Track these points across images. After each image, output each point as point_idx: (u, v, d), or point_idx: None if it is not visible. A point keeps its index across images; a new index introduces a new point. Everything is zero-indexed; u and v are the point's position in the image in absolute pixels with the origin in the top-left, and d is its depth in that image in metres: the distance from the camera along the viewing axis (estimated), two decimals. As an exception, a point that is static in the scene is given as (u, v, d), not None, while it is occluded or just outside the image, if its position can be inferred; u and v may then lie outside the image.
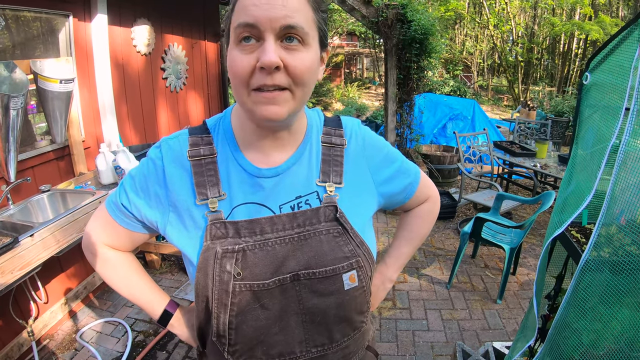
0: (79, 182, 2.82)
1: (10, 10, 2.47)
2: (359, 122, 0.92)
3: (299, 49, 0.66)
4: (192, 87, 4.65)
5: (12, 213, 2.34)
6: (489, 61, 20.77)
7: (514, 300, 3.08)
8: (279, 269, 0.75)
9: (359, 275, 0.80)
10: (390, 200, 0.95)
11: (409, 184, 0.96)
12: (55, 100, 2.50)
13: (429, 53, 5.25)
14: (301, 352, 0.80)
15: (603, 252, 1.10)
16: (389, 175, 0.92)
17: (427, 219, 1.08)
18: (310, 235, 0.77)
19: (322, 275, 0.76)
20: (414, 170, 0.98)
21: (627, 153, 1.03)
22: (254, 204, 0.78)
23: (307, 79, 0.68)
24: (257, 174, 0.78)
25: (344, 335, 0.84)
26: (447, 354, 2.52)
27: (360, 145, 0.88)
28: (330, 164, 0.83)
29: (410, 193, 0.98)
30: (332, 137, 0.86)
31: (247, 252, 0.74)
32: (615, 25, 13.40)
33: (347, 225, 0.80)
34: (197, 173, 0.77)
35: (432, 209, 1.08)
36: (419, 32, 4.85)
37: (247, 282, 0.74)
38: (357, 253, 0.80)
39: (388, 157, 0.92)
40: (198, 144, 0.80)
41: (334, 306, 0.79)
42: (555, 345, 1.27)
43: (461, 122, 7.86)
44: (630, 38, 1.11)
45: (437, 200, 1.09)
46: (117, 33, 3.36)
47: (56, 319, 2.65)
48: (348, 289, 0.78)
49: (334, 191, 0.81)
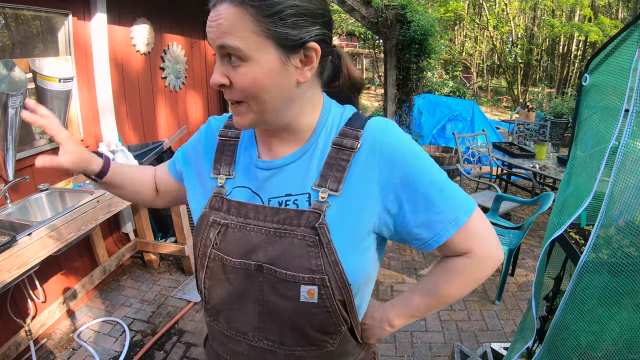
0: (78, 181, 2.81)
1: (10, 8, 2.46)
2: (392, 127, 0.78)
3: (241, 65, 0.68)
4: (192, 86, 4.64)
5: (11, 212, 2.33)
6: (489, 62, 20.81)
7: (513, 301, 3.08)
8: (248, 254, 0.78)
9: (321, 294, 0.74)
10: (404, 231, 0.78)
11: (436, 223, 0.75)
12: (54, 99, 2.49)
13: (428, 54, 5.25)
14: (254, 337, 0.83)
15: (602, 253, 1.10)
16: (406, 199, 0.75)
17: (456, 279, 0.82)
18: (285, 235, 0.75)
19: (281, 276, 0.75)
20: (455, 209, 0.75)
21: (626, 154, 1.03)
22: (249, 189, 0.83)
23: (254, 92, 0.69)
24: (256, 164, 0.83)
25: (296, 344, 0.81)
26: (445, 354, 2.52)
27: (376, 152, 0.75)
28: (332, 168, 0.76)
29: (438, 236, 0.76)
30: (345, 138, 0.77)
31: (229, 228, 0.81)
32: (614, 27, 13.44)
33: (324, 238, 0.73)
34: (219, 151, 0.88)
35: (468, 269, 0.81)
36: (419, 33, 4.86)
37: (220, 254, 0.81)
38: (326, 271, 0.73)
39: (413, 176, 0.74)
40: (230, 127, 0.90)
41: (288, 311, 0.77)
42: (553, 347, 1.26)
43: (460, 123, 7.87)
44: (629, 39, 1.12)
45: (482, 260, 0.80)
46: (116, 32, 3.35)
47: (54, 318, 2.64)
48: (304, 301, 0.75)
49: (326, 198, 0.75)
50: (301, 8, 0.68)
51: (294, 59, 0.70)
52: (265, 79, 0.68)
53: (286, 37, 0.67)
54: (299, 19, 0.68)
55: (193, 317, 2.88)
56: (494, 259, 0.81)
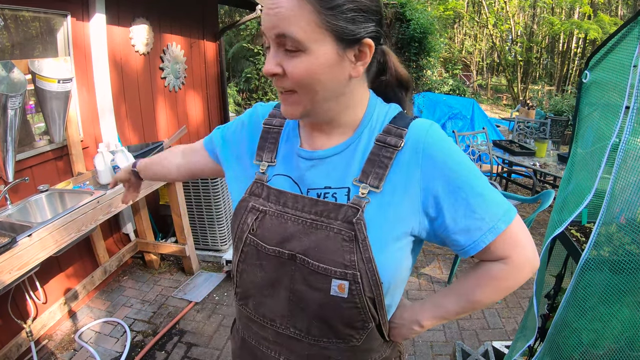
0: (77, 182, 2.81)
1: (9, 10, 2.46)
2: (432, 127, 0.77)
3: (297, 55, 0.68)
4: (191, 86, 4.64)
5: (11, 213, 2.33)
6: (488, 60, 20.80)
7: (514, 299, 3.08)
8: (283, 242, 0.79)
9: (351, 290, 0.74)
10: (443, 235, 0.77)
11: (475, 229, 0.74)
12: (53, 100, 2.49)
13: (428, 52, 5.26)
14: (281, 324, 0.84)
15: (603, 251, 1.10)
16: (446, 204, 0.74)
17: (490, 285, 0.80)
18: (321, 227, 0.76)
19: (313, 268, 0.75)
20: (494, 216, 0.74)
21: (627, 151, 1.03)
22: (290, 178, 0.84)
23: (308, 83, 0.70)
24: (298, 153, 0.84)
25: (323, 335, 0.81)
26: (446, 353, 2.52)
27: (420, 153, 0.74)
28: (374, 164, 0.76)
29: (476, 243, 0.75)
30: (389, 136, 0.76)
31: (267, 215, 0.82)
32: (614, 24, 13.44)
33: (360, 234, 0.73)
34: (263, 138, 0.89)
35: (504, 276, 0.79)
36: (418, 31, 4.86)
37: (256, 240, 0.82)
38: (358, 267, 0.73)
39: (454, 181, 0.73)
40: (275, 115, 0.91)
41: (317, 303, 0.78)
42: (554, 345, 1.26)
43: (460, 121, 7.86)
44: (630, 36, 1.11)
45: (519, 268, 0.78)
46: (115, 32, 3.35)
47: (55, 319, 2.64)
48: (333, 295, 0.75)
49: (366, 194, 0.74)
50: (360, 4, 0.69)
51: (350, 53, 0.71)
52: (320, 71, 0.69)
53: (344, 31, 0.68)
54: (357, 14, 0.69)
55: (194, 317, 2.88)
56: (530, 266, 0.79)
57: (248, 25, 11.20)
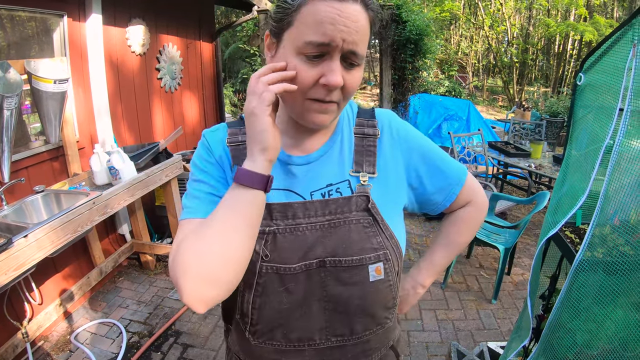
0: (73, 183, 2.80)
1: (5, 9, 2.45)
2: (394, 114, 0.91)
3: (356, 69, 0.72)
4: (187, 87, 4.63)
5: (6, 214, 2.32)
6: (484, 62, 20.86)
7: (509, 300, 3.09)
8: (306, 254, 0.77)
9: (386, 269, 0.79)
10: (423, 199, 0.91)
11: (447, 186, 0.91)
12: (49, 101, 2.48)
13: (424, 54, 5.27)
14: (320, 339, 0.81)
15: (597, 252, 1.11)
16: (424, 173, 0.88)
17: (465, 226, 0.99)
18: (340, 224, 0.78)
19: (347, 264, 0.77)
20: (456, 172, 0.92)
21: (621, 154, 1.04)
22: (284, 190, 0.81)
23: (353, 94, 0.75)
24: (288, 161, 0.82)
25: (366, 328, 0.83)
26: (441, 354, 2.53)
27: (395, 137, 0.87)
28: (363, 154, 0.84)
29: (449, 197, 0.92)
30: (365, 127, 0.86)
31: (278, 235, 0.77)
32: (609, 26, 13.50)
33: (378, 216, 0.80)
34: (235, 157, 0.81)
35: (473, 215, 0.98)
36: (414, 33, 4.87)
37: (274, 265, 0.76)
38: (386, 245, 0.79)
39: (425, 153, 0.88)
40: (236, 133, 0.84)
41: (357, 297, 0.79)
42: (549, 345, 1.27)
43: (456, 123, 7.89)
44: (624, 39, 1.12)
45: (481, 206, 0.98)
46: (111, 33, 3.34)
47: (50, 320, 2.63)
48: (373, 281, 0.78)
49: (367, 181, 0.82)
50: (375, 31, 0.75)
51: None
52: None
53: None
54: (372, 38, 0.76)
55: (190, 318, 2.87)
56: (486, 204, 1.00)
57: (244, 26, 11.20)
